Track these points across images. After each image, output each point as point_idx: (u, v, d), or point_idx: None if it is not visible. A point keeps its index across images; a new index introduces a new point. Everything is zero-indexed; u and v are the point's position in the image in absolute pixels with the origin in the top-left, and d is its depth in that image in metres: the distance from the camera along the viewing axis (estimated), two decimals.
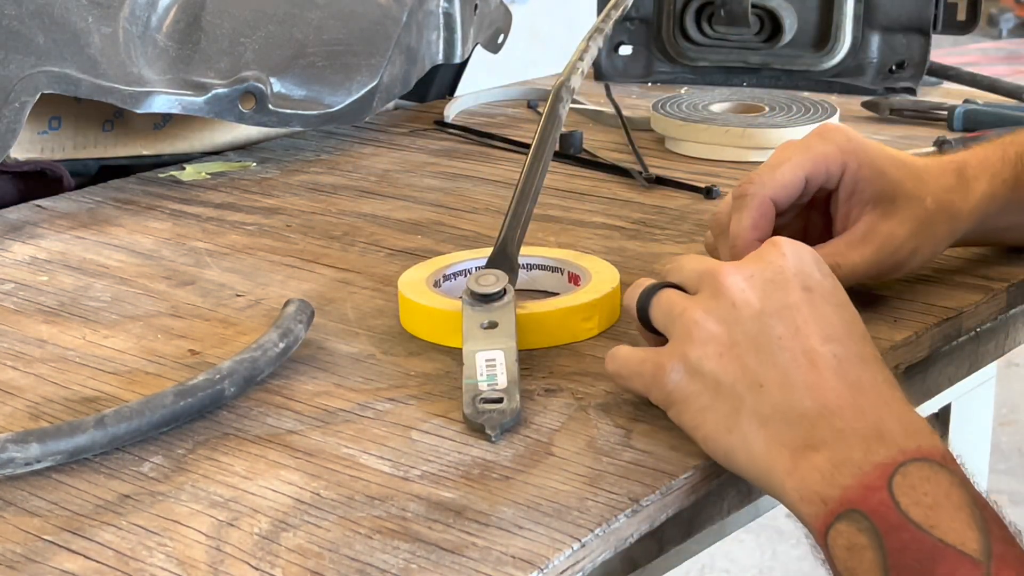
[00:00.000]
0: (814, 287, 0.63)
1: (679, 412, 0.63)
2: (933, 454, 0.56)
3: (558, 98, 0.89)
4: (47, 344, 0.77)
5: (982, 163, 0.78)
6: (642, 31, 1.40)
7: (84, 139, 1.11)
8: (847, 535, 0.55)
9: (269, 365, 0.70)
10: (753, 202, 0.75)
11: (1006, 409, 2.83)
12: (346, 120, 1.13)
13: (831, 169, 0.76)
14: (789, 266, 0.63)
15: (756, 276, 0.63)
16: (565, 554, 0.55)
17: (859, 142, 0.76)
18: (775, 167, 0.76)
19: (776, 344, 0.61)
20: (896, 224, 0.75)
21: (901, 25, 1.32)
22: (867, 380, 0.60)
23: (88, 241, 0.95)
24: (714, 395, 0.61)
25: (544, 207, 0.98)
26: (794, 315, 0.61)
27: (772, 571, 2.36)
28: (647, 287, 0.68)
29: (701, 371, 0.62)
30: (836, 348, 0.61)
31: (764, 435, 0.59)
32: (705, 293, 0.64)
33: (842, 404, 0.58)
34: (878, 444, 0.57)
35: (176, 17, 1.09)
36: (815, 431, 0.58)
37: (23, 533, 0.57)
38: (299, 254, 0.91)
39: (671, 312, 0.65)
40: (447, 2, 1.22)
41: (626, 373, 0.66)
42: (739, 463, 0.60)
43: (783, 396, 0.59)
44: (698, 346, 0.62)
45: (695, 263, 0.67)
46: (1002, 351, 0.85)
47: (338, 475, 0.61)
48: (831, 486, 0.56)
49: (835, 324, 0.62)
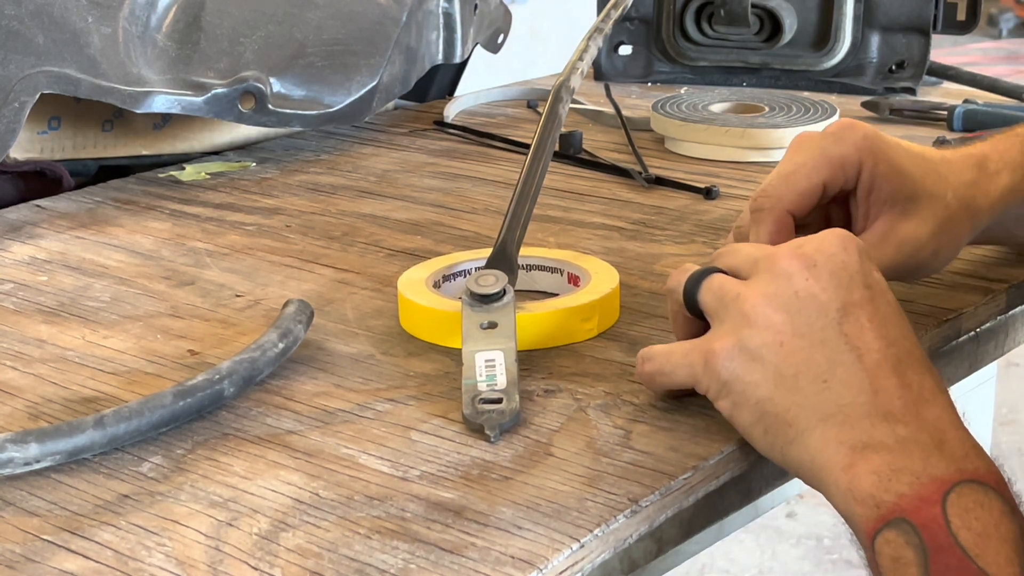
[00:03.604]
0: (874, 285, 0.62)
1: (734, 404, 0.62)
2: (989, 478, 0.56)
3: (558, 98, 0.89)
4: (46, 344, 0.77)
5: (1003, 156, 0.76)
6: (642, 31, 1.40)
7: (84, 139, 1.11)
8: (895, 545, 0.54)
9: (268, 365, 0.70)
10: (770, 216, 0.72)
11: (1006, 409, 2.83)
12: (346, 120, 1.13)
13: (848, 171, 0.73)
14: (852, 260, 0.62)
15: (820, 267, 0.62)
16: (564, 554, 0.55)
17: (876, 139, 0.73)
18: (790, 175, 0.72)
19: (843, 341, 0.60)
20: (917, 223, 0.73)
21: (901, 25, 1.32)
22: (928, 388, 0.59)
23: (88, 241, 0.95)
24: (774, 386, 0.60)
25: (544, 207, 0.98)
26: (859, 313, 0.60)
27: (772, 571, 2.36)
28: (696, 271, 0.66)
29: (761, 359, 0.61)
30: (898, 351, 0.60)
31: (823, 431, 0.58)
32: (763, 278, 0.62)
33: (906, 412, 0.58)
34: (938, 458, 0.56)
35: (176, 17, 1.09)
36: (876, 433, 0.57)
37: (22, 533, 0.57)
38: (298, 254, 0.91)
39: (724, 296, 0.63)
40: (447, 2, 1.22)
41: (668, 368, 0.64)
42: (793, 458, 0.60)
43: (847, 395, 0.59)
44: (757, 332, 0.61)
45: (750, 248, 0.65)
46: (1002, 351, 0.85)
47: (337, 475, 0.61)
48: (886, 491, 0.56)
49: (895, 324, 0.61)
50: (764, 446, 0.61)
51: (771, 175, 0.74)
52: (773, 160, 1.09)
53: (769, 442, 0.61)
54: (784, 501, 0.87)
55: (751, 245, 0.66)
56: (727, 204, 1.00)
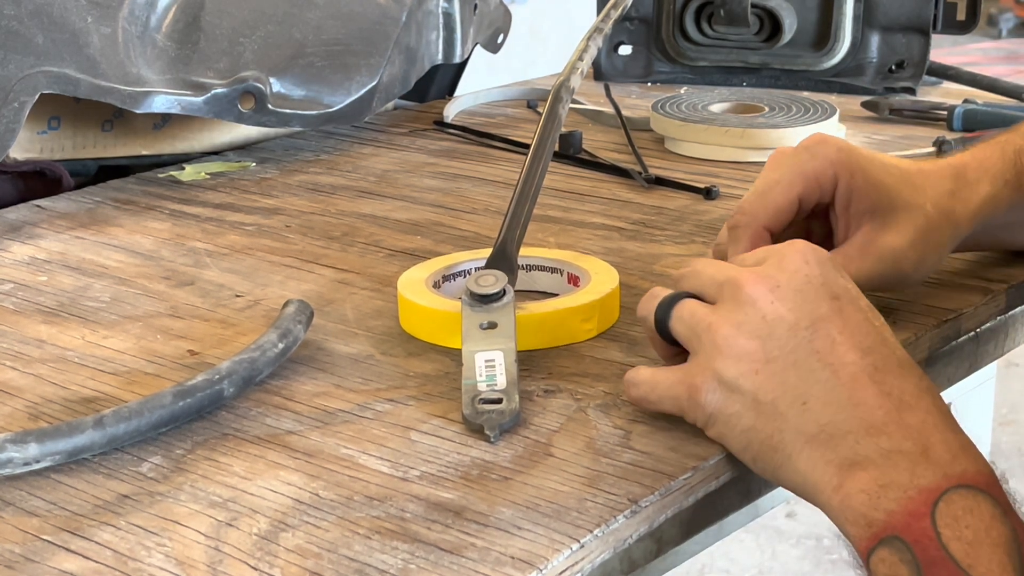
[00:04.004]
0: (841, 294, 0.62)
1: (721, 434, 0.62)
2: (978, 480, 0.56)
3: (558, 98, 0.89)
4: (46, 344, 0.77)
5: (982, 164, 0.76)
6: (642, 31, 1.40)
7: (83, 139, 1.11)
8: (889, 563, 0.55)
9: (268, 366, 0.70)
10: (746, 234, 0.72)
11: (1006, 409, 2.83)
12: (345, 120, 1.13)
13: (824, 185, 0.73)
14: (815, 274, 0.62)
15: (784, 287, 0.62)
16: (564, 555, 0.55)
17: (850, 152, 0.74)
18: (765, 192, 0.73)
19: (815, 359, 0.60)
20: (895, 235, 0.73)
21: (901, 25, 1.32)
22: (910, 392, 0.59)
23: (87, 241, 0.95)
24: (755, 414, 0.60)
25: (543, 207, 0.98)
26: (828, 327, 0.60)
27: (772, 571, 2.36)
28: (665, 298, 0.66)
29: (739, 389, 0.61)
30: (875, 359, 0.60)
31: (809, 453, 0.59)
32: (729, 305, 0.63)
33: (888, 421, 0.58)
34: (924, 467, 0.56)
35: (175, 17, 1.09)
36: (861, 449, 0.57)
37: (22, 533, 0.57)
38: (298, 254, 0.91)
39: (695, 326, 0.63)
40: (447, 2, 1.22)
41: (655, 398, 0.65)
42: (786, 480, 0.60)
43: (828, 414, 0.59)
44: (732, 363, 0.61)
45: (712, 269, 0.65)
46: (1001, 351, 0.85)
47: (337, 475, 0.61)
48: (875, 509, 0.56)
49: (867, 332, 0.61)
50: (757, 471, 0.62)
51: (748, 193, 0.75)
52: None
53: (760, 468, 0.61)
54: (784, 501, 0.87)
55: (714, 264, 0.66)
56: (727, 204, 1.00)
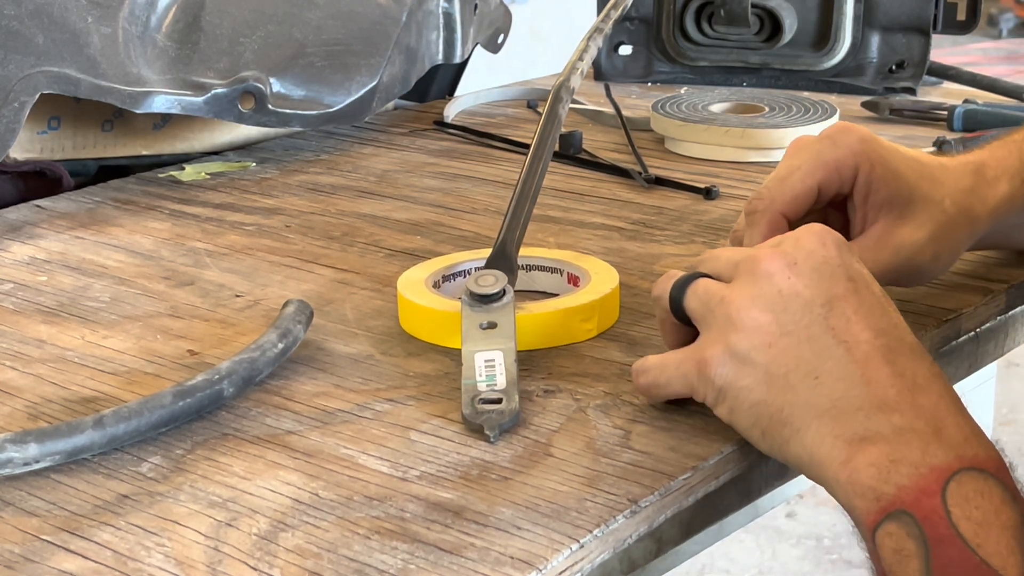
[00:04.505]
0: (856, 277, 0.62)
1: (731, 409, 0.62)
2: (988, 464, 0.56)
3: (558, 98, 0.89)
4: (46, 344, 0.77)
5: (1000, 163, 0.76)
6: (642, 31, 1.40)
7: (83, 139, 1.11)
8: (896, 538, 0.54)
9: (268, 366, 0.70)
10: (764, 219, 0.72)
11: (1006, 409, 2.83)
12: (346, 120, 1.13)
13: (844, 175, 0.73)
14: (832, 255, 0.62)
15: (800, 264, 0.62)
16: (563, 555, 0.55)
17: (872, 143, 0.73)
18: (785, 178, 0.73)
19: (830, 336, 0.60)
20: (914, 228, 0.73)
21: (901, 25, 1.32)
22: (922, 375, 0.59)
23: (87, 241, 0.95)
24: (766, 387, 0.60)
25: (543, 207, 0.98)
26: (843, 306, 0.61)
27: (772, 571, 2.36)
28: (681, 277, 0.66)
29: (751, 362, 0.61)
30: (888, 340, 0.60)
31: (818, 427, 0.59)
32: (745, 280, 0.63)
33: (900, 400, 0.58)
34: (936, 446, 0.56)
35: (175, 17, 1.09)
36: (872, 425, 0.57)
37: (21, 533, 0.57)
38: (298, 254, 0.91)
39: (709, 301, 0.63)
40: (447, 2, 1.22)
41: (663, 380, 0.65)
42: (793, 456, 0.60)
43: (840, 389, 0.59)
44: (745, 335, 0.61)
45: (730, 252, 0.65)
46: (1002, 351, 0.85)
47: (337, 475, 0.61)
48: (885, 483, 0.56)
49: (881, 315, 0.61)
50: (765, 447, 0.61)
51: (767, 179, 0.74)
52: (773, 160, 1.09)
53: (768, 443, 0.61)
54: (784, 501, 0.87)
55: (732, 249, 0.66)
56: (727, 204, 1.00)
